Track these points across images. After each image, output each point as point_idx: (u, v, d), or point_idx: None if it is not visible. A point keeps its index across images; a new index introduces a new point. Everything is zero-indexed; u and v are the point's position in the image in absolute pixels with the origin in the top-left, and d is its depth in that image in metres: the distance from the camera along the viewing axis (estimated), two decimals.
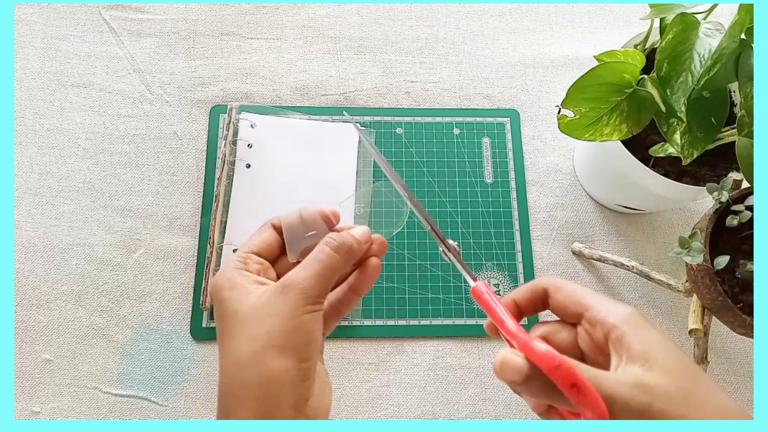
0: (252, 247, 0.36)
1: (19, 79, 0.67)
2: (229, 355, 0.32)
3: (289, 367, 0.31)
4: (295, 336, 0.32)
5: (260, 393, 0.31)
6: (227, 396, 0.32)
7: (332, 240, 0.35)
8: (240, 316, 0.32)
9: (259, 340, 0.31)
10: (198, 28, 0.71)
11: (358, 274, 0.38)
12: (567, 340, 0.34)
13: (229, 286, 0.34)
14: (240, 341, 0.32)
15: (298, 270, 0.34)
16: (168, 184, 0.64)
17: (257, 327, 0.32)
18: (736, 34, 0.44)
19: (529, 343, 0.29)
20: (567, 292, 0.33)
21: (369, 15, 0.73)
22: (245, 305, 0.33)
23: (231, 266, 0.35)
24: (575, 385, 0.27)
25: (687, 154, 0.47)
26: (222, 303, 0.34)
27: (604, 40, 0.73)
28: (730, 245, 0.49)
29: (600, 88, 0.47)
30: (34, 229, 0.61)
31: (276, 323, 0.32)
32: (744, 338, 0.60)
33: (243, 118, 0.65)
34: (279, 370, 0.31)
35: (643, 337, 0.30)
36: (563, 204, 0.66)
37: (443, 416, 0.57)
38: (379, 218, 0.62)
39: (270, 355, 0.31)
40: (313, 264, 0.34)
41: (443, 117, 0.68)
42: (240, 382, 0.31)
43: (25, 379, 0.56)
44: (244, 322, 0.32)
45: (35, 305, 0.59)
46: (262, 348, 0.31)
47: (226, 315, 0.33)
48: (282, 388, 0.31)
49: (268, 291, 0.33)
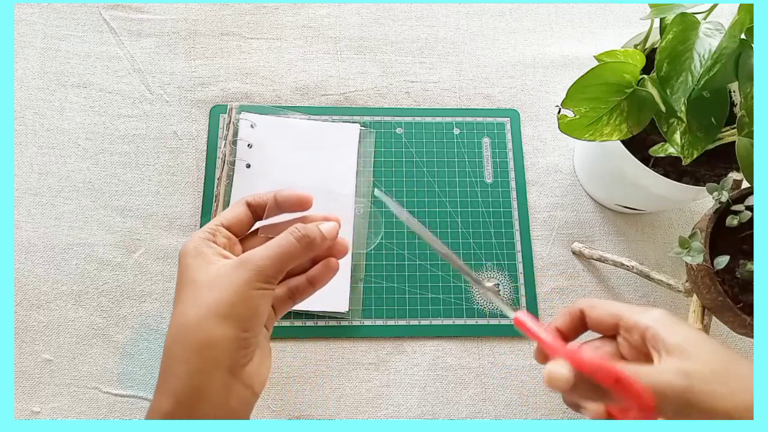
0: (223, 221, 0.38)
1: (19, 79, 0.67)
2: (176, 318, 0.34)
3: (229, 334, 0.33)
4: (240, 307, 0.34)
5: (198, 354, 0.33)
6: (168, 356, 0.34)
7: (297, 230, 0.37)
8: (197, 284, 0.34)
9: (206, 307, 0.33)
10: (198, 28, 0.71)
11: (318, 269, 0.41)
12: (610, 352, 0.36)
13: (194, 254, 0.36)
14: (189, 306, 0.34)
15: (258, 249, 0.36)
16: (168, 184, 0.64)
17: (207, 295, 0.34)
18: (736, 34, 0.44)
19: (575, 354, 0.32)
20: (601, 307, 0.36)
21: (369, 15, 0.73)
22: (203, 275, 0.35)
23: (200, 235, 0.37)
24: (618, 381, 0.30)
25: (687, 154, 0.47)
26: (184, 270, 0.36)
27: (604, 40, 0.73)
28: (730, 245, 0.49)
29: (600, 88, 0.47)
30: (34, 229, 0.61)
31: (224, 293, 0.34)
32: (744, 338, 0.60)
33: (243, 118, 0.65)
34: (219, 336, 0.33)
35: (677, 331, 0.32)
36: (563, 204, 0.66)
37: (443, 416, 0.57)
38: (363, 229, 0.62)
39: (213, 321, 0.33)
40: (274, 247, 0.36)
41: (443, 117, 0.68)
42: (182, 344, 0.33)
43: (25, 379, 0.56)
44: (198, 290, 0.34)
45: (35, 305, 0.59)
46: (207, 314, 0.33)
47: (185, 281, 0.35)
48: (219, 352, 0.33)
49: (227, 264, 0.35)
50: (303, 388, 0.58)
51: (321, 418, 0.57)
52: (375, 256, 0.62)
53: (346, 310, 0.59)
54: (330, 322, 0.59)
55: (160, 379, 0.35)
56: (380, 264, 0.62)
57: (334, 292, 0.59)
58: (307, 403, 0.57)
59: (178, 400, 0.33)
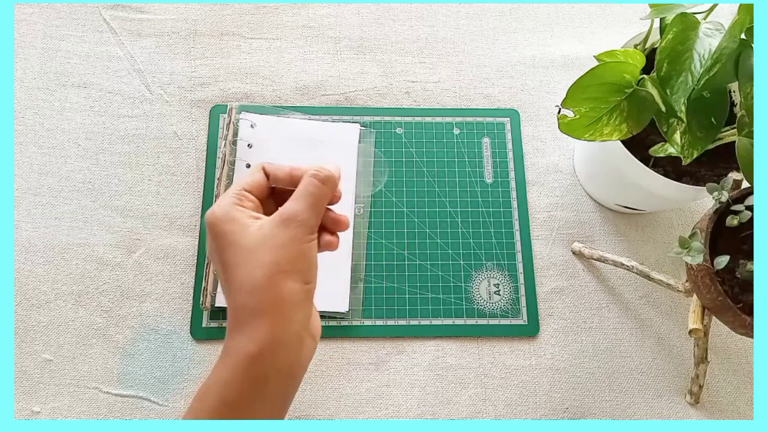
0: (245, 185, 0.40)
1: (19, 79, 0.67)
2: (239, 280, 0.35)
3: (298, 289, 0.35)
4: (299, 263, 0.36)
5: (275, 312, 0.35)
6: (241, 317, 0.35)
7: (318, 172, 0.39)
8: (244, 247, 0.36)
9: (270, 266, 0.35)
10: (198, 28, 0.71)
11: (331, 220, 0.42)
12: None
13: (227, 220, 0.37)
14: (250, 268, 0.35)
15: (292, 204, 0.37)
16: (168, 184, 0.64)
17: (266, 256, 0.35)
18: (736, 34, 0.44)
19: None
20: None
21: (369, 15, 0.73)
22: (247, 237, 0.36)
23: (227, 201, 0.38)
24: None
25: (687, 154, 0.47)
26: (222, 236, 0.37)
27: (604, 40, 0.73)
28: (730, 245, 0.49)
29: (600, 88, 0.47)
30: (34, 229, 0.61)
31: (282, 251, 0.35)
32: (744, 338, 0.60)
33: (243, 118, 0.65)
34: (290, 292, 0.35)
35: None
36: (563, 204, 0.66)
37: (443, 416, 0.57)
38: (363, 229, 0.62)
39: (281, 278, 0.35)
40: (306, 197, 0.38)
41: (443, 117, 0.68)
42: (254, 304, 0.35)
43: (25, 379, 0.56)
44: (250, 251, 0.35)
45: (35, 305, 0.59)
46: (275, 272, 0.35)
47: (229, 246, 0.36)
48: (293, 308, 0.35)
49: (267, 224, 0.37)
50: (303, 388, 0.58)
51: (321, 418, 0.57)
52: (375, 257, 0.62)
53: (346, 310, 0.59)
54: (330, 322, 0.59)
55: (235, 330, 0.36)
56: (380, 264, 0.62)
57: (334, 292, 0.59)
58: (307, 403, 0.57)
59: (262, 348, 0.34)
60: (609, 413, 0.58)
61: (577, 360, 0.60)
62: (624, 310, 0.62)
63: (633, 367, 0.60)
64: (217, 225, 0.37)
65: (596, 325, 0.61)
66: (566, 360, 0.60)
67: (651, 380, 0.60)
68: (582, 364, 0.60)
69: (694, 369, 0.57)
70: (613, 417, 0.58)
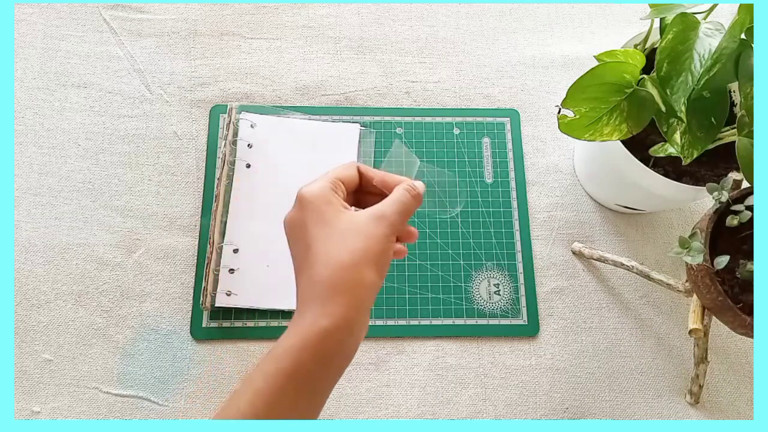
0: (340, 176, 0.42)
1: (19, 79, 0.67)
2: (325, 257, 0.38)
3: (375, 279, 0.38)
4: (382, 258, 0.39)
5: (352, 295, 0.37)
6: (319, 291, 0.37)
7: (413, 188, 0.41)
8: (337, 229, 0.39)
9: (359, 252, 0.38)
10: (198, 28, 0.71)
11: None
12: None
13: (324, 200, 0.40)
14: (340, 249, 0.38)
15: (385, 206, 0.40)
16: (168, 184, 0.64)
17: (357, 242, 0.38)
18: (736, 34, 0.44)
19: None
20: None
21: (369, 15, 0.73)
22: (341, 222, 0.39)
23: (323, 184, 0.41)
24: None
25: (687, 154, 0.47)
26: (318, 212, 0.39)
27: (604, 40, 0.73)
28: (730, 245, 0.49)
29: (600, 88, 0.47)
30: (34, 229, 0.61)
31: (371, 243, 0.38)
32: (744, 338, 0.60)
33: (243, 118, 0.65)
34: (370, 280, 0.38)
35: None
36: (563, 204, 0.66)
37: (443, 416, 0.57)
38: None
39: (366, 266, 0.38)
40: (398, 204, 0.40)
41: (443, 117, 0.68)
42: (340, 280, 0.37)
43: (25, 379, 0.56)
44: (342, 234, 0.38)
45: (35, 305, 0.59)
46: (361, 259, 0.38)
47: (323, 223, 0.39)
48: (368, 293, 0.38)
49: (361, 215, 0.40)
50: None
51: (321, 418, 0.57)
52: None
53: None
54: None
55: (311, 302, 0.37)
56: None
57: None
58: None
59: (338, 324, 0.36)
60: (609, 413, 0.58)
61: (577, 360, 0.60)
62: (624, 310, 0.62)
63: (633, 367, 0.60)
64: (313, 202, 0.39)
65: (596, 325, 0.61)
66: (566, 360, 0.60)
67: (651, 380, 0.60)
68: (582, 364, 0.60)
69: (694, 369, 0.57)
70: (613, 417, 0.58)
